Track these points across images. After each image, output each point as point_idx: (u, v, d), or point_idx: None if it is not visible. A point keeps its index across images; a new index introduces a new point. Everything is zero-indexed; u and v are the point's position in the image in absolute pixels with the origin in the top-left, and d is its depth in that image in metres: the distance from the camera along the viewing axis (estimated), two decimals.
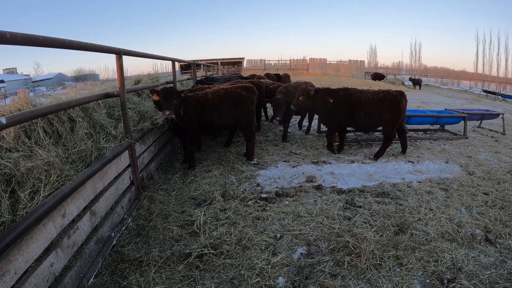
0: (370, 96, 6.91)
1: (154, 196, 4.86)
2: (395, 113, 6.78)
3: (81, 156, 3.54)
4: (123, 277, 3.16)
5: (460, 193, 5.10)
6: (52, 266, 2.63)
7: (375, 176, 5.92)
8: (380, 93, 6.92)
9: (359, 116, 6.93)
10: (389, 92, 6.92)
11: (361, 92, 7.09)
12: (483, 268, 3.32)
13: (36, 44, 2.63)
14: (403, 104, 6.83)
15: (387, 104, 6.76)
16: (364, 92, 7.08)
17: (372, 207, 4.55)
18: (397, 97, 6.79)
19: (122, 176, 4.26)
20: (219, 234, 3.83)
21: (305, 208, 4.51)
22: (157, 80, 7.72)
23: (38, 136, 3.24)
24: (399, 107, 6.77)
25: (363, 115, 6.88)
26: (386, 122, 6.86)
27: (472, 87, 42.33)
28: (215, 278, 3.16)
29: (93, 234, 3.36)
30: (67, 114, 3.75)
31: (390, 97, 6.81)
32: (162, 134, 6.39)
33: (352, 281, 3.12)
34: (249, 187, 5.27)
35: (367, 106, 6.83)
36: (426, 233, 3.90)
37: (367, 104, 6.84)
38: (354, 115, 6.97)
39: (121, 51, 4.31)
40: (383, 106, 6.78)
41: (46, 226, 2.62)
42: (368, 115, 6.86)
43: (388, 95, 6.84)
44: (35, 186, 2.75)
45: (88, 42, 3.52)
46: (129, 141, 4.38)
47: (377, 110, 6.80)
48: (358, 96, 6.98)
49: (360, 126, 7.22)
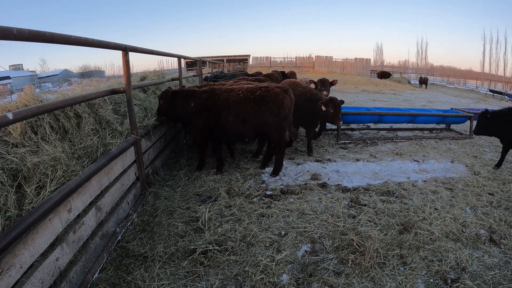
0: (242, 95, 5.45)
1: (159, 192, 4.88)
2: (279, 115, 5.45)
3: (87, 152, 3.56)
4: (127, 272, 3.18)
5: (465, 193, 5.07)
6: (58, 260, 2.65)
7: (380, 175, 5.90)
8: (256, 91, 5.47)
9: (226, 122, 5.45)
10: (269, 89, 5.50)
11: (231, 91, 5.59)
12: (487, 269, 3.31)
13: (43, 40, 2.65)
14: (287, 103, 5.51)
15: (267, 104, 5.38)
16: (234, 91, 5.57)
17: (377, 206, 4.54)
18: (279, 94, 5.46)
19: (127, 172, 4.28)
20: (223, 231, 3.84)
21: (309, 205, 4.51)
22: (163, 77, 7.73)
23: (44, 132, 3.26)
24: (283, 106, 5.44)
25: (232, 120, 5.43)
26: (269, 126, 5.48)
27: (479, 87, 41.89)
28: (219, 274, 3.17)
29: (99, 229, 3.38)
30: (73, 110, 3.77)
31: (271, 94, 5.42)
32: (167, 131, 6.41)
33: (356, 279, 3.11)
34: (254, 184, 5.28)
35: (237, 108, 5.41)
36: (430, 233, 3.89)
37: (237, 106, 5.41)
38: (220, 120, 5.48)
39: (127, 47, 4.32)
40: (261, 106, 5.39)
41: (52, 221, 2.64)
42: (240, 120, 5.43)
43: (267, 92, 5.44)
44: (41, 181, 2.77)
45: (94, 39, 3.53)
46: (135, 137, 4.40)
47: (252, 112, 5.41)
48: (225, 96, 5.50)
49: (231, 134, 5.64)
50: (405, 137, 8.91)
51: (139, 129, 4.75)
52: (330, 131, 9.32)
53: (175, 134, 7.06)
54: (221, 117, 5.44)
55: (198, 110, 5.54)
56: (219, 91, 5.60)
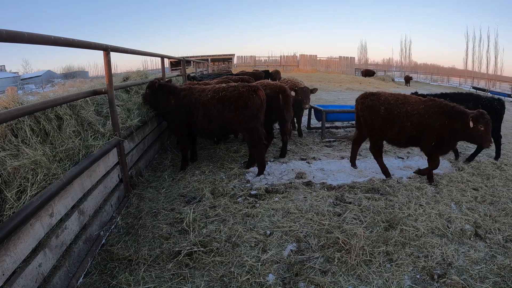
0: (210, 95, 5.56)
1: (143, 194, 4.84)
2: (245, 114, 5.46)
3: (68, 154, 3.51)
4: (112, 277, 3.15)
5: (449, 189, 5.18)
6: (41, 266, 2.60)
7: (365, 172, 5.98)
8: (222, 90, 5.56)
9: (197, 120, 5.63)
10: (234, 89, 5.55)
11: (203, 91, 5.70)
12: (473, 263, 3.38)
13: (22, 41, 2.60)
14: (255, 102, 5.45)
15: (230, 104, 5.46)
16: (205, 91, 5.69)
17: (362, 203, 4.59)
18: (244, 94, 5.44)
19: (110, 174, 4.23)
20: (208, 232, 3.83)
21: (295, 204, 4.53)
22: (146, 77, 7.66)
23: (25, 135, 3.19)
24: (247, 106, 5.42)
25: (200, 119, 5.60)
26: (239, 126, 5.62)
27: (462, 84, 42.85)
28: (205, 276, 3.16)
29: (82, 233, 3.33)
30: (54, 112, 3.70)
31: (235, 95, 5.47)
32: (151, 132, 6.35)
33: (342, 277, 3.15)
34: (238, 184, 5.28)
35: (205, 107, 5.55)
36: (416, 229, 3.95)
37: (206, 105, 5.55)
38: (193, 118, 5.68)
39: (108, 47, 4.28)
40: (226, 106, 5.47)
41: (34, 226, 2.59)
42: (208, 118, 5.58)
43: (231, 92, 5.50)
44: (22, 186, 2.71)
45: (75, 39, 3.48)
46: (118, 138, 4.36)
47: (218, 112, 5.50)
48: (197, 96, 5.64)
49: (203, 131, 5.85)
50: None
51: (121, 130, 4.69)
52: (315, 129, 9.39)
53: (158, 135, 7.00)
54: (193, 115, 5.63)
55: (177, 107, 5.72)
56: (195, 90, 5.73)
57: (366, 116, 5.71)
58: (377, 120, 5.56)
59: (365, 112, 5.70)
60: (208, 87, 5.80)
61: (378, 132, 5.68)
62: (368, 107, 5.64)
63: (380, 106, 5.51)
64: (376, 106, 5.54)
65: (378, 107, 5.52)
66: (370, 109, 5.61)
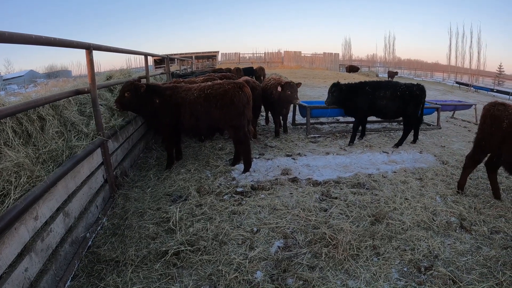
0: (196, 94, 5.51)
1: (129, 194, 4.80)
2: (232, 112, 5.46)
3: (52, 156, 3.47)
4: (100, 279, 3.12)
5: (434, 182, 5.30)
6: (27, 271, 2.57)
7: (350, 167, 6.04)
8: (207, 88, 5.53)
9: (184, 119, 5.60)
10: (219, 87, 5.51)
11: (189, 90, 5.63)
12: (459, 255, 3.47)
13: (2, 41, 2.56)
14: (241, 99, 5.45)
15: (219, 102, 5.43)
16: (191, 89, 5.63)
17: (348, 198, 4.66)
18: (229, 91, 5.43)
19: (95, 175, 4.18)
20: (195, 230, 3.83)
21: (281, 201, 4.57)
22: (129, 75, 7.57)
23: (7, 137, 3.14)
24: (233, 103, 5.41)
25: (188, 118, 5.57)
26: (225, 124, 5.62)
27: (445, 79, 43.71)
28: (193, 275, 3.17)
29: (68, 235, 3.29)
30: (36, 113, 3.65)
31: (220, 92, 5.44)
32: (135, 131, 6.29)
33: (330, 272, 3.20)
34: (224, 181, 5.29)
35: (192, 105, 5.50)
36: (402, 222, 4.03)
37: (192, 104, 5.50)
38: (180, 118, 5.63)
39: (91, 45, 4.22)
40: (212, 104, 5.45)
41: (18, 230, 2.55)
42: (195, 117, 5.55)
43: (216, 90, 5.47)
44: (4, 189, 2.67)
45: (56, 38, 3.42)
46: (101, 138, 4.31)
47: (205, 110, 5.49)
48: (184, 95, 5.57)
49: (190, 130, 5.87)
50: (374, 129, 9.19)
51: (105, 129, 4.64)
52: (300, 125, 9.44)
53: (143, 134, 6.94)
54: (180, 114, 5.58)
55: (162, 107, 5.59)
56: (181, 89, 5.68)
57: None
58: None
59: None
60: (193, 86, 5.74)
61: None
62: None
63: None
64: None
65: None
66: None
